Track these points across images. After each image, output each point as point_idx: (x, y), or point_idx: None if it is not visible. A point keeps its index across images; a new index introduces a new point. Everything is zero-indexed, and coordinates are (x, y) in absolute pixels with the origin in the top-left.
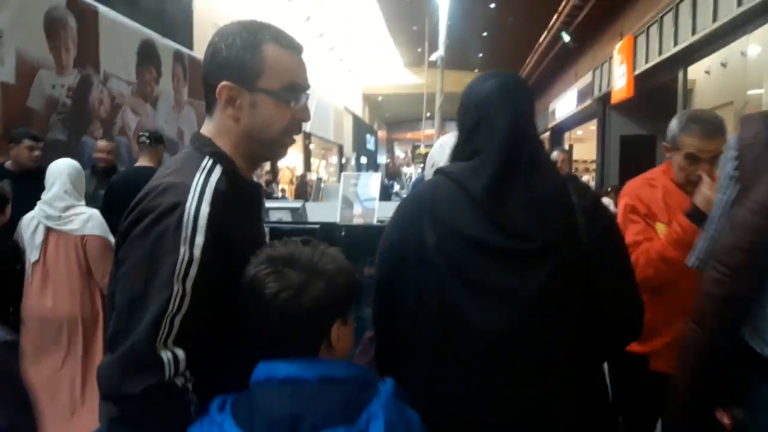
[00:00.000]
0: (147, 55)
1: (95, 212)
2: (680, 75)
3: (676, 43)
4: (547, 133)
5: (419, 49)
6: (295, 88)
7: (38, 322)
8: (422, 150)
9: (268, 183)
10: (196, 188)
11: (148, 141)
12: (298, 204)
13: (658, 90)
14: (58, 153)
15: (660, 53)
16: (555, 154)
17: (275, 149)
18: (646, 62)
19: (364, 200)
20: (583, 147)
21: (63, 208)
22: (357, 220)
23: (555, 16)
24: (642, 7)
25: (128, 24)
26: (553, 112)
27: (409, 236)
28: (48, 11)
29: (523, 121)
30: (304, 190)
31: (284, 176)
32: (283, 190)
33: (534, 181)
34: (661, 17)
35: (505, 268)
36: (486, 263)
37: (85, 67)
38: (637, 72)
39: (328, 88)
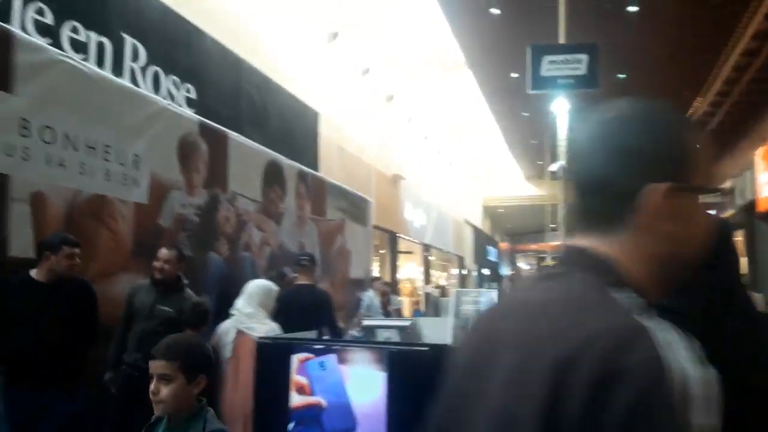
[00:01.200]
0: (273, 175)
1: (276, 326)
2: None
3: None
4: None
5: (539, 162)
6: (715, 181)
7: (230, 412)
8: (548, 262)
9: (385, 294)
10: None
11: (307, 262)
12: (406, 322)
13: None
14: (185, 268)
15: None
16: None
17: (689, 271)
18: None
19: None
20: None
21: (250, 316)
22: None
23: None
24: None
25: (255, 147)
26: None
27: None
28: (182, 137)
29: None
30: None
31: (404, 288)
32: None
33: None
34: None
35: None
36: None
37: (214, 188)
38: None
39: (447, 201)
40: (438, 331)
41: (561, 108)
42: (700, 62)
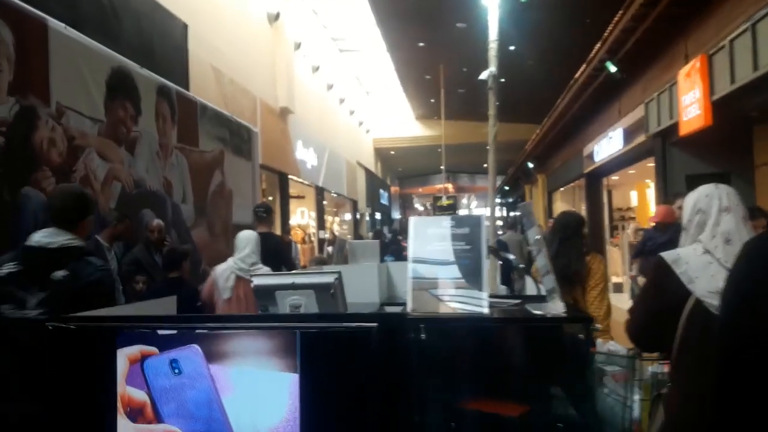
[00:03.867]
0: (120, 87)
1: (269, 269)
2: None
3: None
4: (582, 180)
5: (432, 100)
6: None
7: None
8: (444, 202)
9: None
10: None
11: (264, 214)
12: (329, 277)
13: (737, 118)
14: None
15: (755, 69)
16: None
17: None
18: (732, 83)
19: (458, 263)
20: (617, 194)
21: (251, 264)
22: (446, 307)
23: (599, 44)
24: (716, 21)
25: (92, 45)
26: (590, 156)
27: None
28: None
29: None
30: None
31: (296, 235)
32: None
33: None
34: (754, 25)
35: None
36: None
37: (27, 96)
38: (715, 97)
39: (340, 142)
40: (367, 288)
41: (493, 6)
42: None
